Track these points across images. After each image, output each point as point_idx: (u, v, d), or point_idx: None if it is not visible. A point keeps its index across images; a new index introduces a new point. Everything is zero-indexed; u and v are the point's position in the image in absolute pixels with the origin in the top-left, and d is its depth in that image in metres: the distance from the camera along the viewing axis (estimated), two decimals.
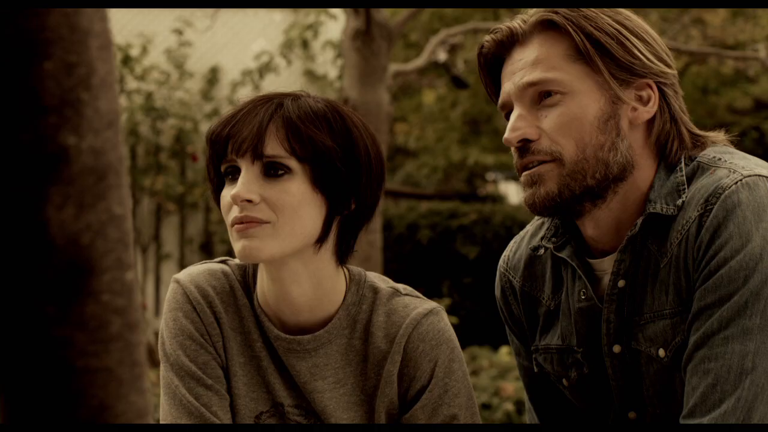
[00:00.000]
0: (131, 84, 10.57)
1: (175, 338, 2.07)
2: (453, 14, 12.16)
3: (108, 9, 1.07)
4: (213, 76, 10.80)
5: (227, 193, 2.02)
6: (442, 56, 9.45)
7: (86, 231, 1.04)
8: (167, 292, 2.13)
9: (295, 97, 2.04)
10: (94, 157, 1.03)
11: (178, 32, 10.47)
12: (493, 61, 2.17)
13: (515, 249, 2.36)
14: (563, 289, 2.22)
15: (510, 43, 2.13)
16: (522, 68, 2.10)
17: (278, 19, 11.00)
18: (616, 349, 2.12)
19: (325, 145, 1.99)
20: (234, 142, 1.99)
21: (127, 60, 10.44)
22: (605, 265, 2.13)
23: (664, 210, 2.05)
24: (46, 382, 1.06)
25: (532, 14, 2.12)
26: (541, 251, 2.25)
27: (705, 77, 14.02)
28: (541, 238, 2.25)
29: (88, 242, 1.04)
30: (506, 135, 2.10)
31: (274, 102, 2.02)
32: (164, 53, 10.61)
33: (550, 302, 2.25)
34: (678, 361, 2.03)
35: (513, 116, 2.10)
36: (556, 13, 2.08)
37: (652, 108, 2.09)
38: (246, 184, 1.98)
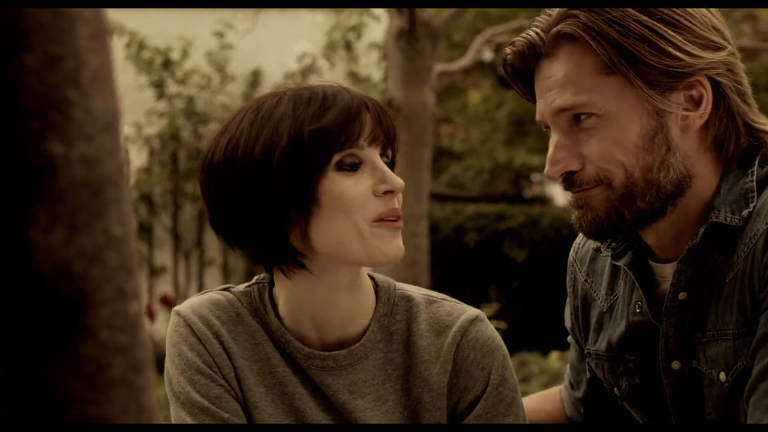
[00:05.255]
0: (172, 88, 10.51)
1: (183, 374, 1.91)
2: (497, 13, 12.00)
3: None
4: (255, 79, 10.72)
5: (356, 185, 1.82)
6: (487, 55, 9.28)
7: (79, 257, 0.86)
8: (168, 327, 1.96)
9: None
10: (87, 167, 0.86)
11: (219, 35, 10.39)
12: (523, 71, 1.95)
13: (586, 238, 2.16)
14: (618, 292, 2.04)
15: (533, 56, 1.90)
16: (552, 87, 1.88)
17: (320, 20, 10.90)
18: (676, 365, 1.93)
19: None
20: (358, 128, 1.83)
21: (167, 63, 10.37)
22: (667, 272, 1.94)
23: (728, 220, 1.84)
24: None
25: (551, 22, 1.88)
26: (602, 253, 2.07)
27: (756, 73, 13.75)
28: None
29: (81, 270, 0.87)
30: (546, 169, 1.90)
31: (337, 86, 1.88)
32: (205, 56, 10.53)
33: (604, 303, 2.07)
34: (740, 386, 1.83)
35: (551, 145, 1.89)
36: (577, 18, 1.84)
37: (705, 110, 1.85)
38: (391, 172, 1.85)
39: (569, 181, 1.89)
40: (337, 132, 1.81)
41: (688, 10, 1.85)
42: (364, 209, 1.82)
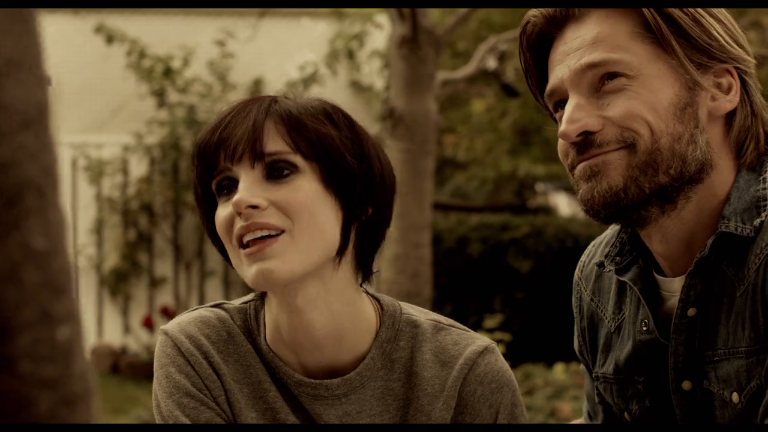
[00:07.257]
0: (173, 97, 10.42)
1: (171, 398, 1.78)
2: (501, 22, 11.91)
3: None
4: (257, 88, 10.63)
5: (223, 210, 1.73)
6: (491, 63, 9.13)
7: None
8: (156, 346, 1.84)
9: (287, 95, 1.80)
10: None
11: (220, 43, 10.30)
12: (541, 42, 1.84)
13: (591, 255, 2.04)
14: (625, 311, 1.92)
15: (563, 18, 1.80)
16: (578, 48, 1.77)
17: (322, 29, 10.81)
18: (686, 386, 1.80)
19: (332, 137, 1.72)
20: (226, 147, 1.71)
21: (168, 72, 10.29)
22: (675, 286, 1.81)
23: (739, 230, 1.72)
24: None
25: None
26: (606, 269, 1.94)
27: (764, 81, 13.66)
28: (606, 255, 1.92)
29: None
30: (562, 128, 1.76)
31: (267, 99, 1.77)
32: (206, 65, 10.44)
33: (611, 323, 1.95)
34: (754, 408, 1.71)
35: (569, 106, 1.76)
36: None
37: (734, 97, 1.77)
38: (249, 188, 1.70)
39: (586, 142, 1.76)
40: (208, 158, 1.76)
41: (723, 11, 1.80)
42: (231, 234, 1.73)
